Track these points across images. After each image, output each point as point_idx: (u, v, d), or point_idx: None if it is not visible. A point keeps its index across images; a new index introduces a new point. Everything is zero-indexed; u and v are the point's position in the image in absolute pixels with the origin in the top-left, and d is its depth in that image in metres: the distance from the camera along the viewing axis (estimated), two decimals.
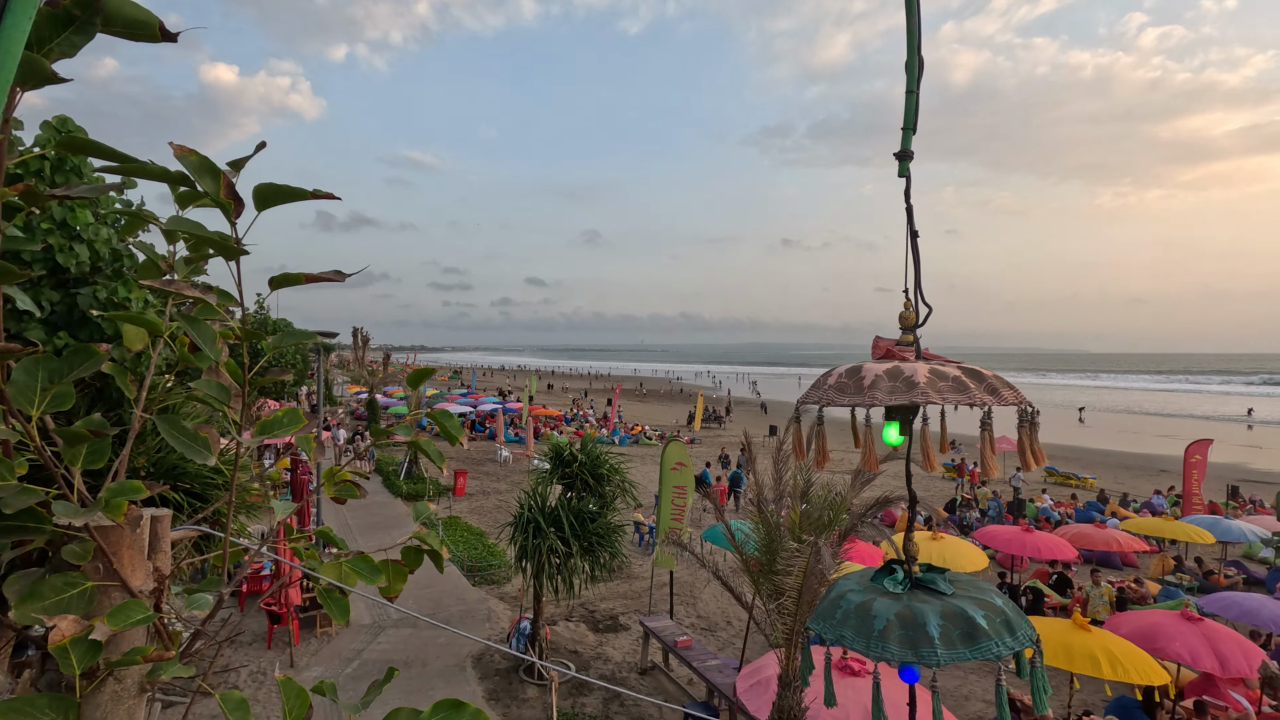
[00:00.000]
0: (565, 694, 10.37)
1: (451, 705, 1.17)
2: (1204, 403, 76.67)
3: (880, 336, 2.31)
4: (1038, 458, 2.18)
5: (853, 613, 2.31)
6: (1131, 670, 8.03)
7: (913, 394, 1.99)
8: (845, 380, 2.15)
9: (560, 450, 10.57)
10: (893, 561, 2.44)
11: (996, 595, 2.33)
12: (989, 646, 2.08)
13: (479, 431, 39.13)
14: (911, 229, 2.32)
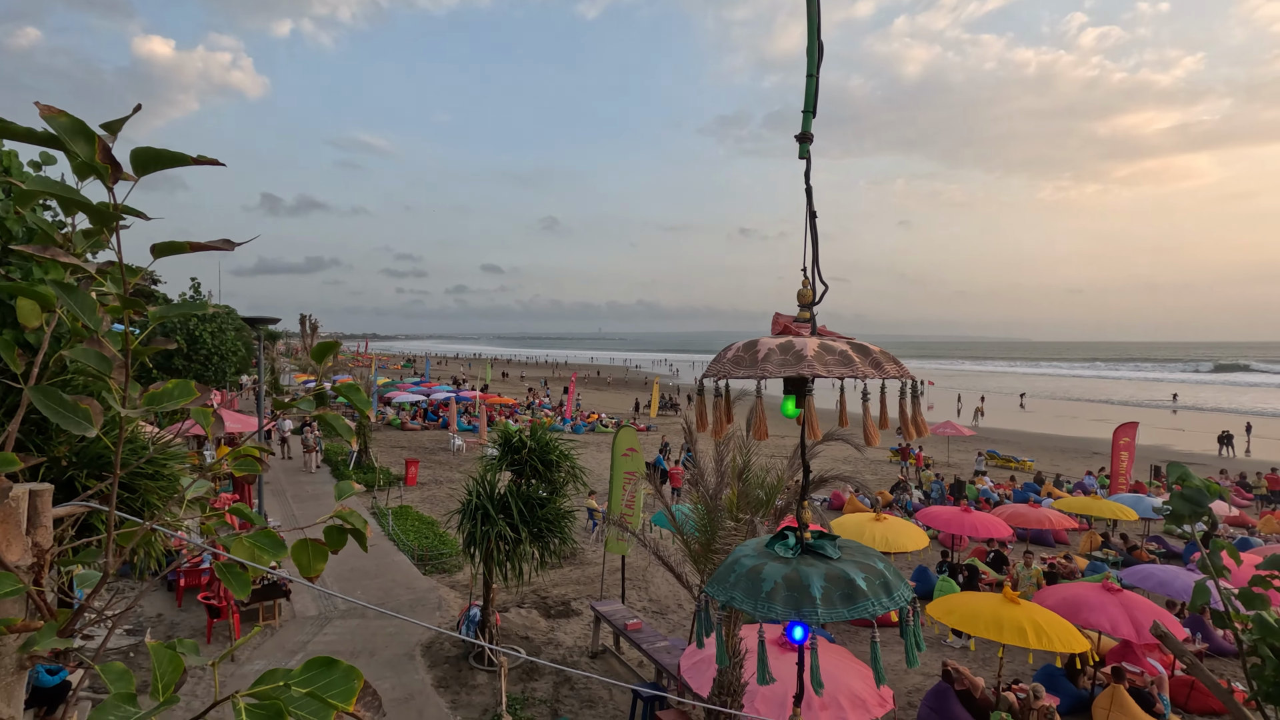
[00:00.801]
0: (516, 679, 10.39)
1: (323, 663, 1.17)
2: (1133, 389, 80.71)
3: (780, 314, 2.40)
4: (919, 429, 2.29)
5: (744, 576, 2.40)
6: (1055, 640, 8.47)
7: (800, 366, 2.07)
8: (742, 354, 2.22)
9: (509, 437, 10.51)
10: (786, 528, 2.54)
11: (879, 560, 2.45)
12: (865, 606, 2.19)
13: (432, 420, 38.56)
14: (810, 210, 2.39)
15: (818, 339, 2.21)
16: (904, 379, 2.26)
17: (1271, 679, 2.77)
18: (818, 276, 2.43)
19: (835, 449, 35.60)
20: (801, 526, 2.52)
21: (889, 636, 12.81)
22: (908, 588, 2.42)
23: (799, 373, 2.08)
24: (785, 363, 2.12)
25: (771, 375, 2.12)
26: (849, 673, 6.32)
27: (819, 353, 2.12)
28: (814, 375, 2.09)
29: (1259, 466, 30.98)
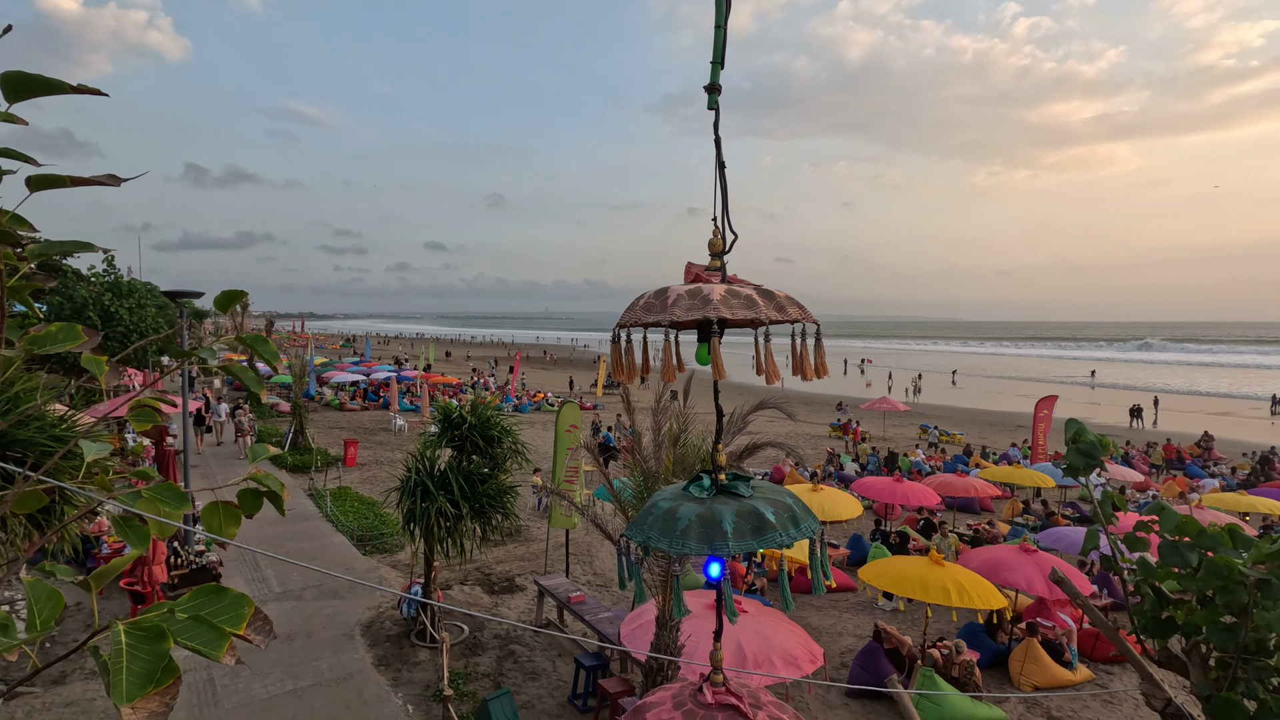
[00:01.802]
0: (458, 655, 10.37)
1: (212, 590, 1.16)
2: (1056, 366, 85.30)
3: (692, 263, 2.45)
4: (819, 370, 2.39)
5: (660, 517, 2.48)
6: (976, 598, 8.97)
7: (707, 309, 2.13)
8: (653, 301, 2.27)
9: (449, 413, 10.36)
10: (702, 471, 2.63)
11: (789, 496, 2.56)
12: (774, 537, 2.29)
13: (373, 400, 37.62)
14: (720, 162, 2.44)
15: (725, 285, 2.27)
16: (806, 322, 2.34)
17: (1149, 614, 3.03)
18: (728, 226, 2.49)
19: (780, 425, 36.46)
20: (716, 469, 2.61)
21: (824, 602, 13.33)
22: (815, 521, 2.54)
23: (705, 315, 2.14)
24: (693, 307, 2.17)
25: (680, 319, 2.17)
26: (782, 633, 6.56)
27: (725, 297, 2.18)
28: (719, 317, 2.14)
29: (1165, 437, 33.26)
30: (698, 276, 2.38)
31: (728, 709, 2.63)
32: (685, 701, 2.72)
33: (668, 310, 2.18)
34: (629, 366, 2.36)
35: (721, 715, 2.62)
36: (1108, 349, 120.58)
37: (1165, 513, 2.94)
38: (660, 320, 2.20)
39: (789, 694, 9.33)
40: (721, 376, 2.22)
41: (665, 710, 2.70)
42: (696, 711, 2.64)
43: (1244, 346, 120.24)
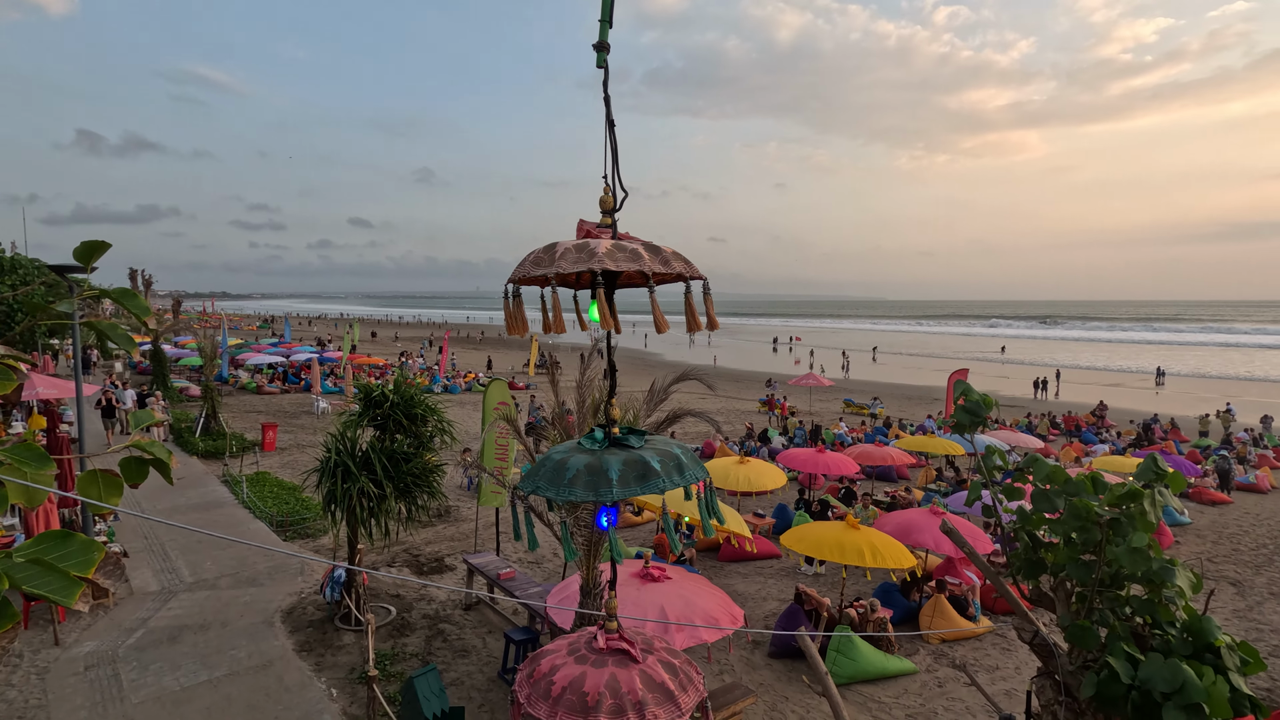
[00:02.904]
0: (385, 636, 10.21)
1: (59, 535, 1.12)
2: (970, 343, 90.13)
3: (584, 220, 2.49)
4: (711, 322, 2.48)
5: (551, 468, 2.54)
6: (888, 558, 9.48)
7: (592, 262, 2.18)
8: (541, 255, 2.30)
9: (370, 391, 10.08)
10: (597, 426, 2.70)
11: (677, 447, 2.67)
12: (657, 483, 2.39)
13: (293, 383, 36.08)
14: (609, 120, 2.48)
15: (613, 240, 2.32)
16: (694, 277, 2.42)
17: (1023, 557, 3.31)
18: (618, 183, 2.53)
19: (712, 401, 37.05)
20: (610, 423, 2.68)
21: (750, 570, 13.78)
22: (701, 469, 2.64)
23: (590, 268, 2.18)
24: (579, 260, 2.20)
25: (565, 271, 2.21)
26: (704, 596, 6.78)
27: (611, 250, 2.23)
28: (603, 269, 2.19)
29: (1065, 407, 35.74)
30: (588, 233, 2.41)
31: (619, 653, 2.72)
32: (580, 648, 2.80)
33: (555, 263, 2.21)
34: (519, 321, 2.38)
35: (612, 659, 2.71)
36: (1017, 326, 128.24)
37: (1037, 464, 3.21)
38: (547, 273, 2.22)
39: (710, 654, 9.69)
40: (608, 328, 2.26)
41: (559, 657, 2.78)
42: (589, 656, 2.73)
43: (1136, 324, 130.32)
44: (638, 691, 2.57)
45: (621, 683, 2.58)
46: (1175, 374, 52.35)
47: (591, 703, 2.51)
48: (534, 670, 2.78)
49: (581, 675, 2.62)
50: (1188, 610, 2.91)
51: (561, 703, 2.53)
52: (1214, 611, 12.26)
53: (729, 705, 6.78)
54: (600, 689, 2.56)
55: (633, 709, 2.51)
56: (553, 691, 2.59)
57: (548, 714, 2.53)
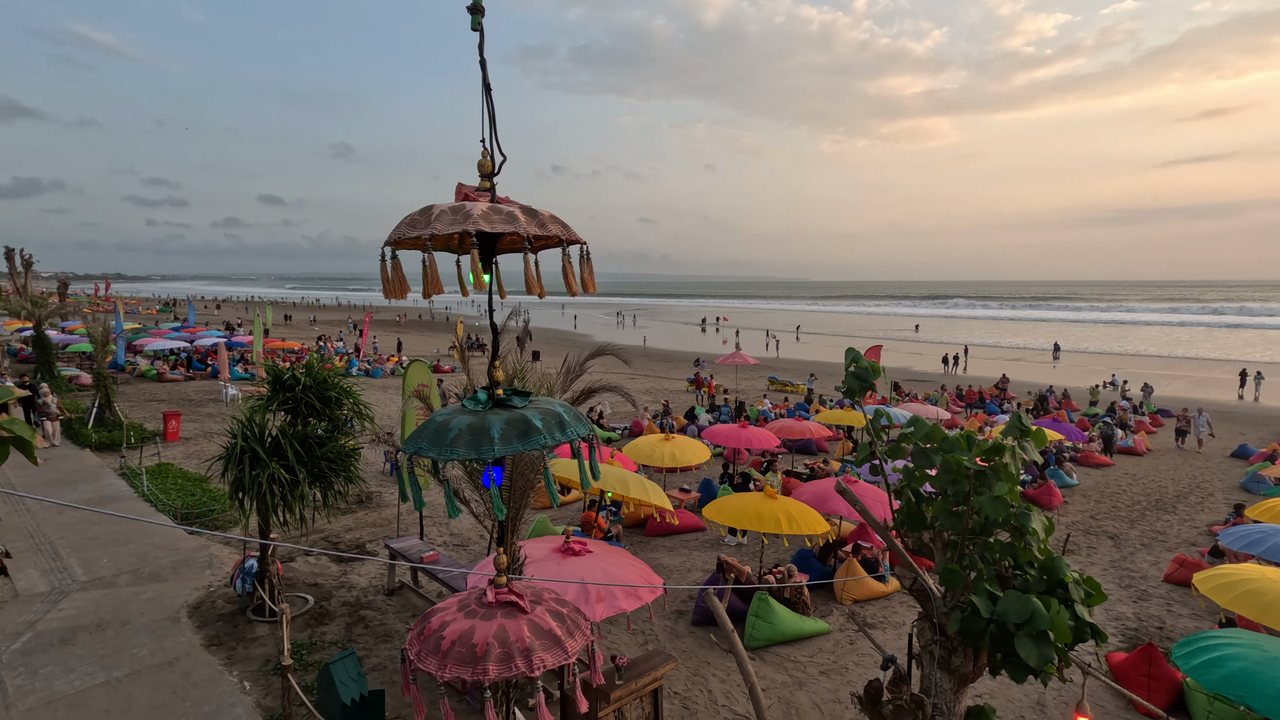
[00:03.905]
0: (303, 626, 9.92)
1: None
2: (887, 322, 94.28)
3: (462, 183, 2.50)
4: (586, 286, 2.56)
5: (434, 429, 2.57)
6: (803, 525, 9.91)
7: (467, 224, 2.20)
8: (417, 217, 2.29)
9: (280, 375, 9.66)
10: (481, 388, 2.74)
11: (560, 406, 2.75)
12: (538, 439, 2.46)
13: (199, 369, 34.05)
14: (486, 85, 2.49)
15: (489, 203, 2.33)
16: (572, 241, 2.47)
17: (907, 511, 3.58)
18: (496, 148, 2.54)
19: (641, 381, 37.34)
20: (493, 385, 2.71)
21: (675, 543, 14.09)
22: (584, 427, 2.72)
23: (464, 229, 2.19)
24: (454, 221, 2.21)
25: (440, 233, 2.21)
26: (624, 568, 6.92)
27: (486, 212, 2.24)
28: (476, 230, 2.20)
29: (972, 381, 37.95)
30: (467, 196, 2.41)
31: (507, 606, 2.78)
32: (470, 604, 2.84)
33: (430, 225, 2.20)
34: (397, 285, 2.36)
35: (501, 612, 2.77)
36: (931, 305, 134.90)
37: (918, 424, 3.46)
38: (422, 234, 2.21)
39: (630, 623, 9.94)
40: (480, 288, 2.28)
41: (449, 614, 2.82)
42: (478, 611, 2.78)
43: (1038, 302, 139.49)
44: (525, 639, 2.64)
45: (510, 632, 2.64)
46: (1070, 349, 56.42)
47: (480, 653, 2.56)
48: (424, 628, 2.81)
49: (470, 628, 2.67)
50: (1044, 552, 3.22)
51: (451, 655, 2.57)
52: (1094, 562, 13.45)
53: (650, 672, 6.98)
54: (489, 639, 2.61)
55: (520, 655, 2.57)
56: (442, 646, 2.62)
57: (437, 668, 2.56)
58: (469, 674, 2.62)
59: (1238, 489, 18.71)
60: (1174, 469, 21.41)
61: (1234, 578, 7.88)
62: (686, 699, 8.45)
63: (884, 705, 3.23)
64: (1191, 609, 11.28)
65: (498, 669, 2.61)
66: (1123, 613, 11.20)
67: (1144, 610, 11.31)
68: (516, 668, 2.62)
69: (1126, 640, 10.22)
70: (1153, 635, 10.30)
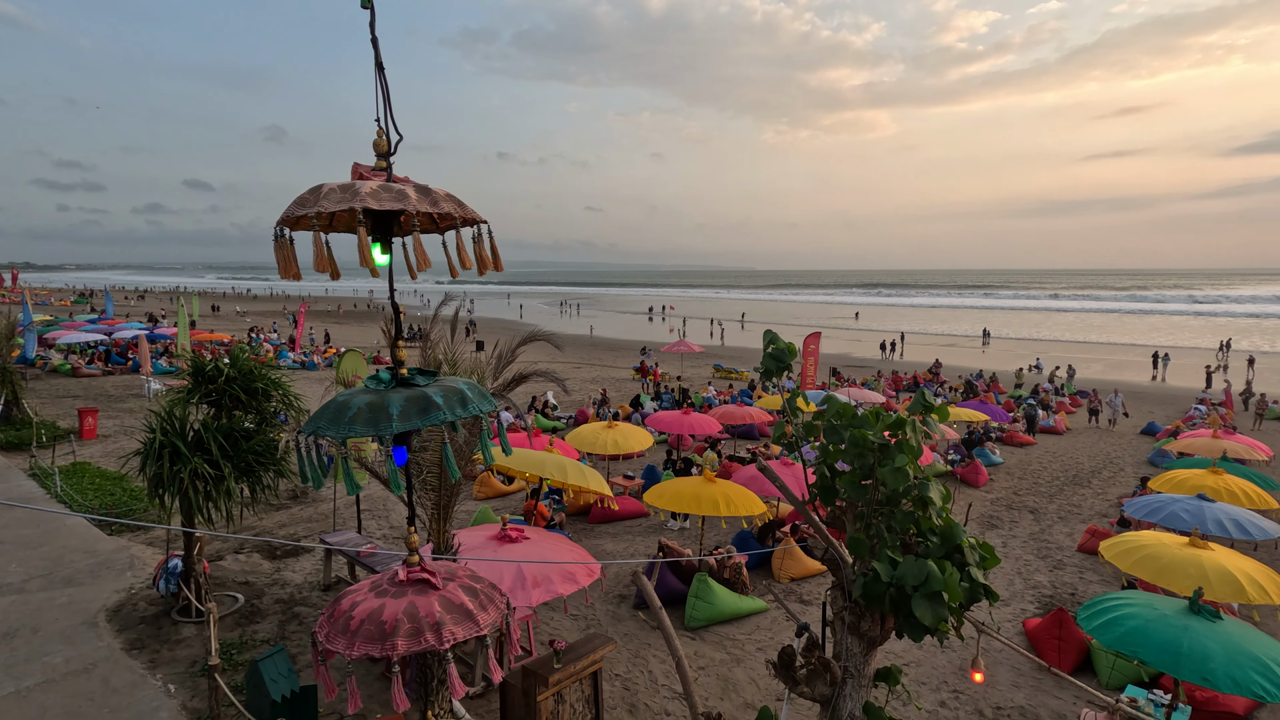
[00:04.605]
0: (232, 625, 9.61)
1: None
2: (829, 310, 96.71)
3: (359, 163, 2.48)
4: (484, 264, 2.58)
5: (333, 409, 2.57)
6: (740, 507, 10.13)
7: (355, 201, 2.19)
8: (306, 196, 2.27)
9: (201, 365, 9.27)
10: (386, 368, 2.74)
11: (464, 384, 2.77)
12: (438, 415, 2.49)
13: (118, 363, 32.29)
14: (378, 64, 2.47)
15: (380, 181, 2.32)
16: (469, 220, 2.48)
17: (821, 485, 3.73)
18: (392, 127, 2.53)
19: (588, 370, 37.29)
20: (397, 364, 2.71)
21: (619, 529, 14.19)
22: (489, 404, 2.75)
23: (352, 206, 2.17)
24: (343, 199, 2.19)
25: (328, 210, 2.19)
26: (562, 554, 6.96)
27: (377, 191, 2.24)
28: (364, 208, 2.19)
29: (908, 367, 39.33)
30: (361, 175, 2.39)
31: (419, 583, 2.80)
32: (382, 584, 2.84)
33: (318, 203, 2.17)
34: (289, 265, 2.33)
35: (413, 589, 2.78)
36: (870, 294, 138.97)
37: (831, 401, 3.61)
38: (308, 213, 2.18)
39: (567, 607, 10.04)
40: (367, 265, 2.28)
41: (360, 595, 2.81)
42: (390, 590, 2.78)
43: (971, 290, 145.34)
44: (435, 614, 2.66)
45: (420, 608, 2.65)
46: (999, 336, 59.03)
47: (389, 629, 2.57)
48: (334, 610, 2.79)
49: (380, 606, 2.67)
50: (946, 520, 3.42)
51: (360, 634, 2.57)
52: (1015, 535, 14.21)
53: (589, 654, 7.05)
54: (398, 616, 2.62)
55: (430, 629, 2.59)
56: (351, 625, 2.62)
57: (345, 647, 2.56)
58: (377, 650, 2.62)
59: (1145, 464, 20.03)
60: (1090, 446, 22.74)
61: (1134, 544, 8.46)
62: (627, 680, 8.57)
63: (797, 670, 3.38)
64: (1101, 575, 12.06)
65: (406, 643, 2.62)
66: (1040, 581, 11.89)
67: (1059, 578, 12.03)
68: (426, 641, 2.63)
69: (1042, 606, 10.85)
70: (1065, 601, 10.96)
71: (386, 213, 2.37)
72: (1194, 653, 5.75)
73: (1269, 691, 5.53)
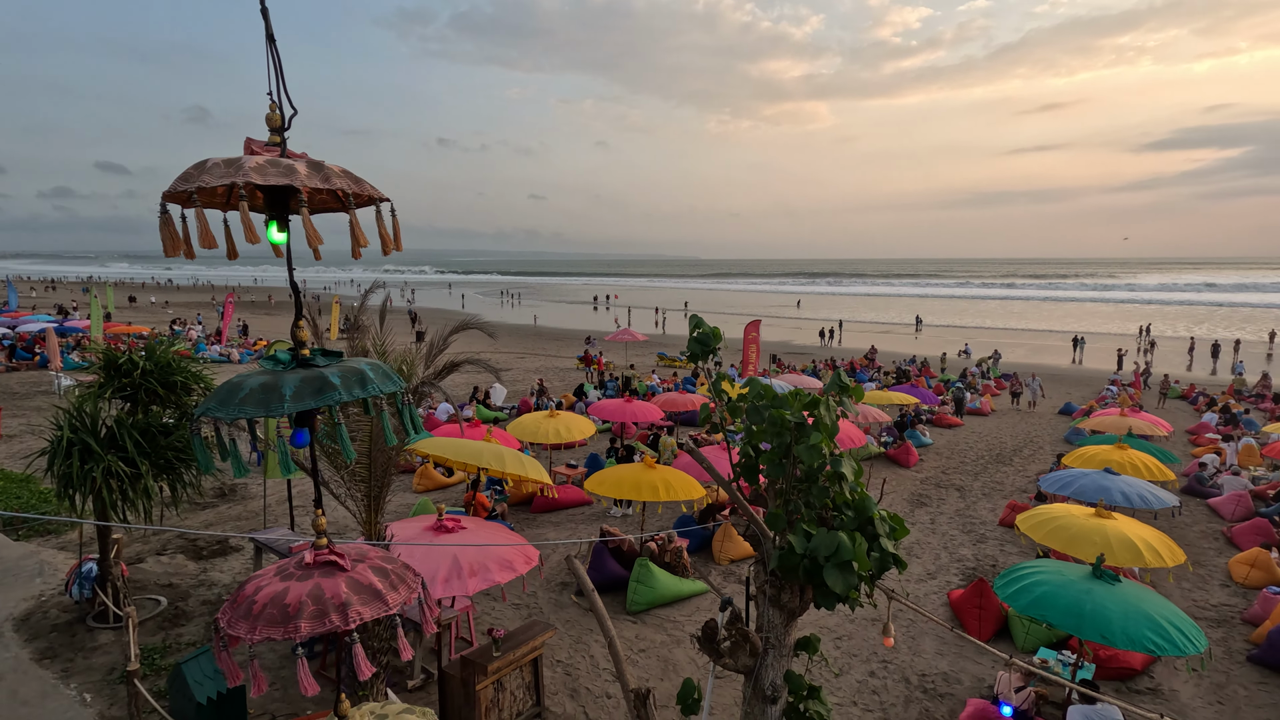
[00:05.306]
0: (155, 629, 9.21)
1: None
2: (771, 298, 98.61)
3: (251, 139, 2.43)
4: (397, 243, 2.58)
5: (225, 390, 2.53)
6: (679, 491, 10.30)
7: (238, 175, 2.16)
8: (190, 170, 2.23)
9: (114, 358, 8.78)
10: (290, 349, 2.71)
11: (366, 364, 2.76)
12: (333, 395, 2.48)
13: (23, 358, 30.22)
14: (269, 35, 2.43)
15: (268, 156, 2.28)
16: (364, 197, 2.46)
17: (744, 464, 3.85)
18: (286, 101, 2.48)
19: (532, 360, 36.95)
20: (298, 345, 2.67)
21: (562, 518, 14.21)
22: (391, 384, 2.74)
23: (234, 180, 2.13)
24: (226, 174, 2.15)
25: (208, 184, 2.14)
26: (498, 541, 6.93)
27: (262, 165, 2.20)
28: (246, 181, 2.15)
29: (846, 353, 40.48)
30: (252, 151, 2.34)
31: (325, 565, 2.78)
32: (288, 568, 2.81)
33: (200, 177, 2.12)
34: (171, 241, 2.26)
35: (319, 572, 2.76)
36: (811, 283, 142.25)
37: (753, 383, 3.73)
38: (189, 187, 2.12)
39: (505, 595, 10.05)
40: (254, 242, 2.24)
41: (265, 579, 2.77)
42: (295, 573, 2.75)
43: (905, 280, 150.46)
44: (341, 595, 2.64)
45: (325, 590, 2.63)
46: (931, 323, 61.36)
47: (293, 612, 2.54)
48: (238, 595, 2.74)
49: (284, 590, 2.63)
50: (859, 494, 3.59)
51: (261, 618, 2.53)
52: (942, 511, 14.89)
53: (528, 642, 7.06)
54: (302, 598, 2.59)
55: (335, 610, 2.57)
56: (254, 610, 2.58)
57: (247, 631, 2.52)
58: (279, 634, 2.59)
59: (1062, 441, 21.24)
60: (1012, 427, 23.96)
61: (1047, 517, 9.00)
62: (569, 665, 8.63)
63: (720, 643, 3.49)
64: (1020, 547, 12.77)
65: (310, 625, 2.59)
66: (964, 554, 12.51)
67: (981, 551, 12.68)
68: (331, 622, 2.61)
69: (965, 578, 11.43)
70: (987, 572, 11.57)
71: (283, 191, 2.31)
72: (1094, 614, 6.20)
73: (1159, 645, 6.01)
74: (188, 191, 2.11)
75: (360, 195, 2.36)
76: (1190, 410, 26.84)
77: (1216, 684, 8.53)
